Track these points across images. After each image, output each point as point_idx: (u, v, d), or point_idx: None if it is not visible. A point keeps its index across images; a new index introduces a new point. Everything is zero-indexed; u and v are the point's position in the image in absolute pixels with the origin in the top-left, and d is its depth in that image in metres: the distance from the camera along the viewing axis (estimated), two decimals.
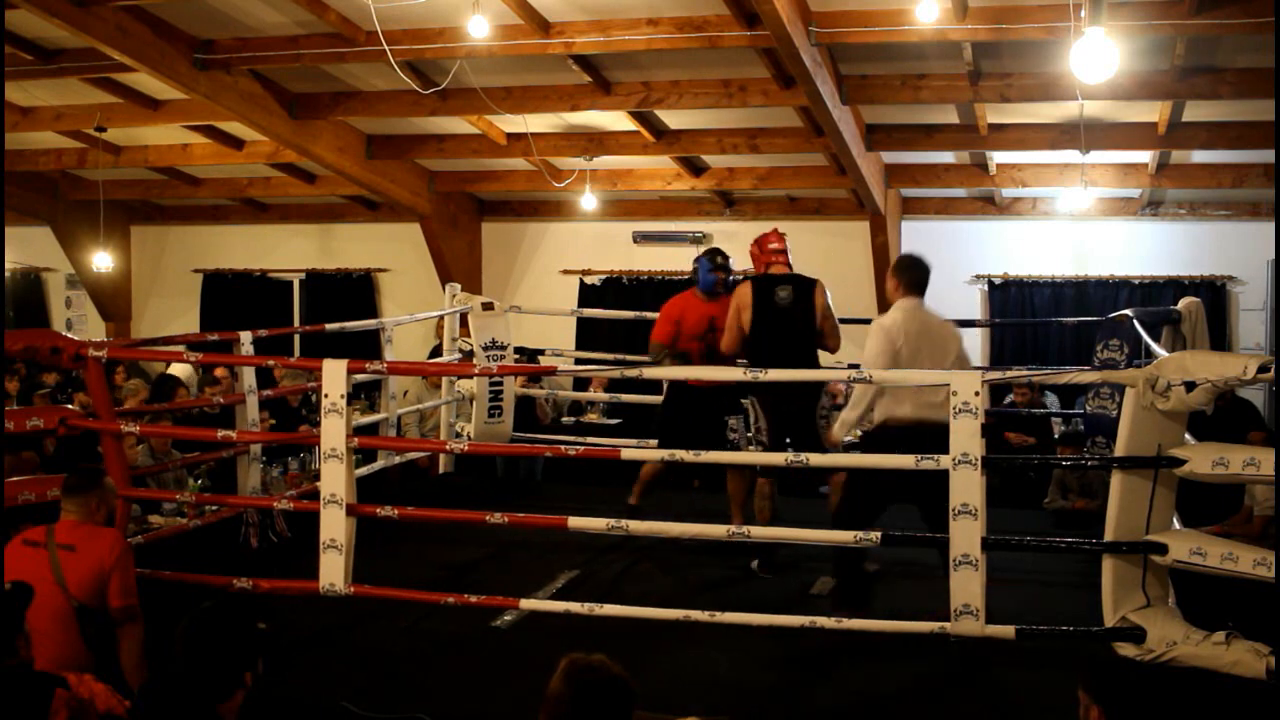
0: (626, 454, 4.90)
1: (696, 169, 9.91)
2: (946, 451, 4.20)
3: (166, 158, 10.27)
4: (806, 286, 5.66)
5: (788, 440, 5.64)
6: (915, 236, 10.18)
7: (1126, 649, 4.05)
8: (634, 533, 4.79)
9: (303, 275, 12.17)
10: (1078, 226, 9.94)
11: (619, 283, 10.97)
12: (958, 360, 5.07)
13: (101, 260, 11.30)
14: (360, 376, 5.40)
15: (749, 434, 5.95)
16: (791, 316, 5.60)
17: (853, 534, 4.47)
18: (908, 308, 5.12)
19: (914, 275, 5.18)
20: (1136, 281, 9.78)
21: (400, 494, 6.45)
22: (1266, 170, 8.67)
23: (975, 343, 10.08)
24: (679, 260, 10.81)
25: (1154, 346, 5.68)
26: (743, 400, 6.22)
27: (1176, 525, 4.19)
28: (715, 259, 6.21)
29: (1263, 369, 3.74)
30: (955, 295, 10.04)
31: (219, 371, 8.21)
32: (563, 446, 5.16)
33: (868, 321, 9.26)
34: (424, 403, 8.40)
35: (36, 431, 5.27)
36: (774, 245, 5.78)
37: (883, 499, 4.95)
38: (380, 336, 7.34)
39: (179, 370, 8.96)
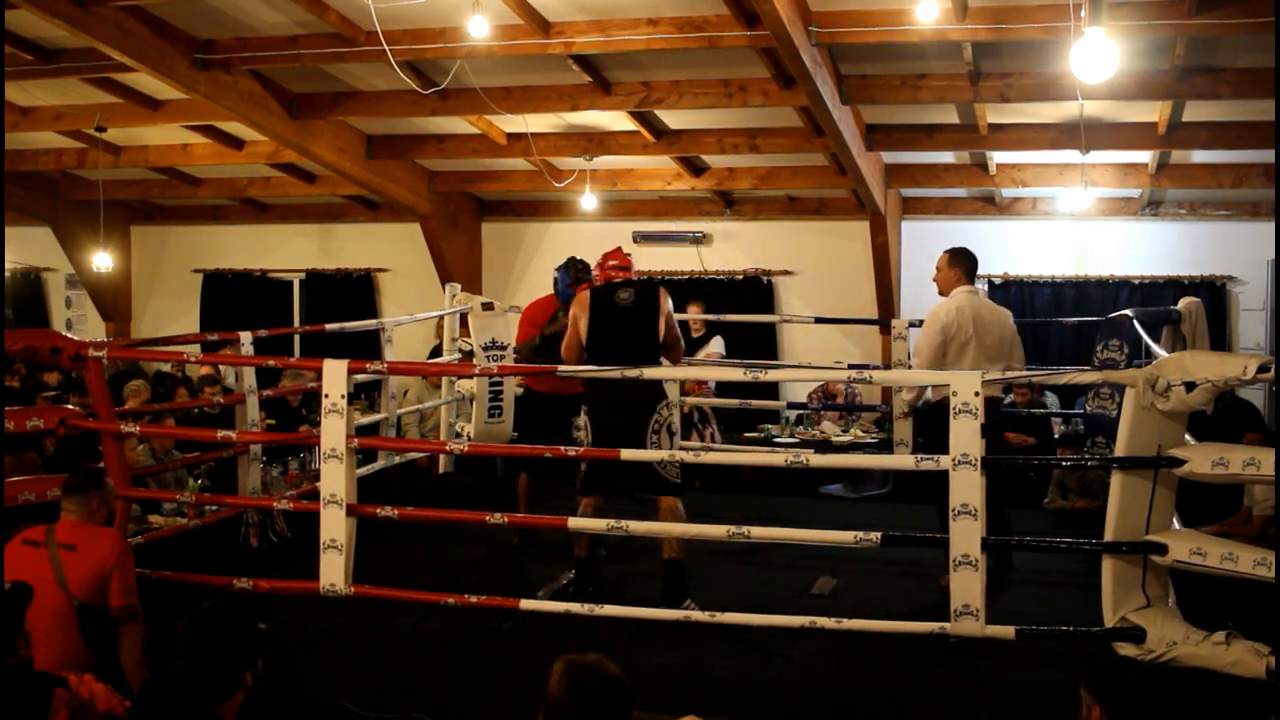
0: (626, 454, 4.90)
1: (696, 169, 9.91)
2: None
3: (166, 158, 10.27)
4: (650, 289, 5.33)
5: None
6: (915, 236, 10.19)
7: (1126, 649, 4.05)
8: (634, 533, 4.78)
9: (303, 275, 12.17)
10: (1078, 226, 9.94)
11: None
12: (1012, 342, 5.65)
13: (101, 260, 11.30)
14: (360, 376, 5.40)
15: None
16: (632, 317, 5.23)
17: (853, 534, 4.47)
18: (964, 297, 5.63)
19: (971, 264, 5.78)
20: (1136, 281, 9.78)
21: (400, 494, 6.45)
22: (1266, 170, 8.66)
23: None
24: (679, 260, 10.83)
25: (1154, 346, 5.68)
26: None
27: (1176, 525, 4.19)
28: (575, 272, 6.15)
29: (1263, 369, 3.74)
30: None
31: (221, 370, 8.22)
32: (562, 447, 5.16)
33: (870, 322, 9.47)
34: (424, 403, 8.39)
35: (36, 431, 5.27)
36: (614, 262, 5.40)
37: None
38: (380, 336, 7.34)
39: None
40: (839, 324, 9.91)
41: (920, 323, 6.72)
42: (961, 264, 5.74)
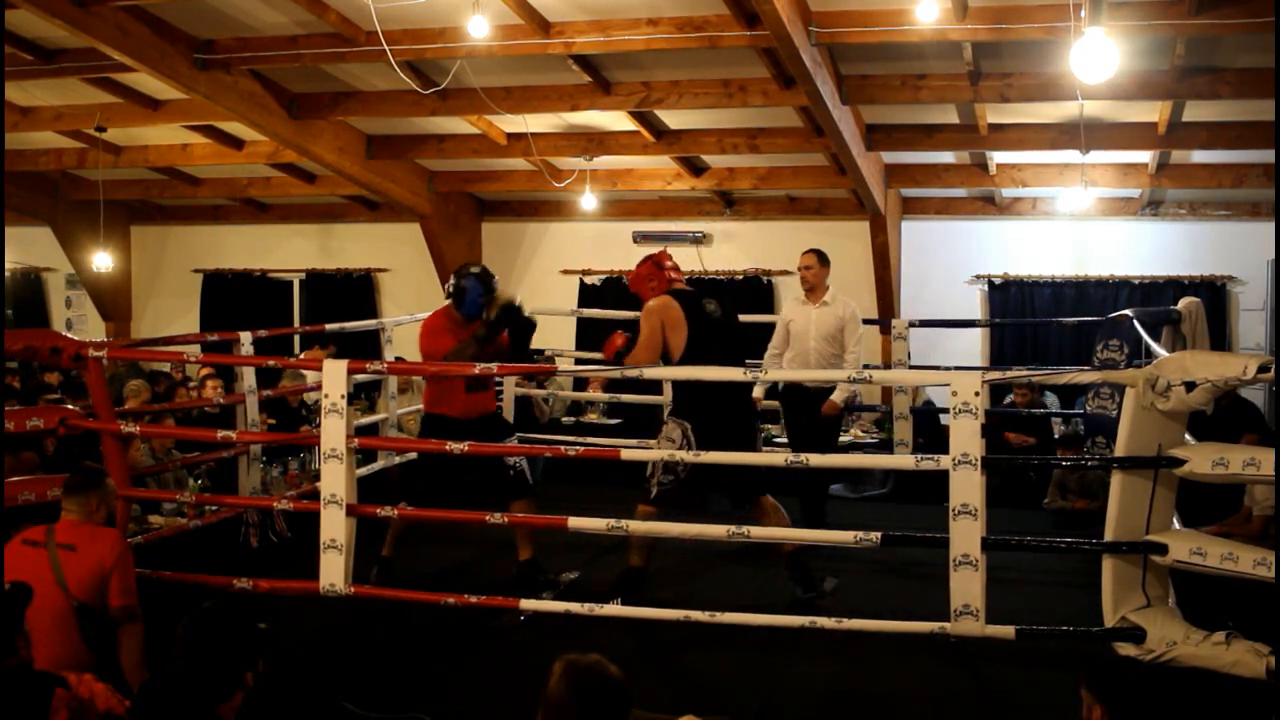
0: (626, 454, 4.90)
1: (696, 169, 9.91)
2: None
3: (166, 158, 10.27)
4: (725, 300, 5.30)
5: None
6: (915, 236, 10.19)
7: (1126, 649, 4.05)
8: (634, 533, 4.78)
9: (303, 275, 12.17)
10: (1078, 226, 9.94)
11: (619, 283, 10.95)
12: None
13: (101, 260, 11.30)
14: (360, 376, 5.40)
15: None
16: (726, 328, 5.15)
17: (853, 534, 4.47)
18: None
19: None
20: (1136, 281, 9.78)
21: (400, 494, 6.43)
22: (1266, 170, 8.67)
23: (975, 343, 10.10)
24: (679, 260, 10.70)
25: (1154, 346, 5.68)
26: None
27: (1176, 525, 4.19)
28: (487, 283, 5.50)
29: (1263, 369, 3.74)
30: (955, 295, 10.07)
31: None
32: (563, 447, 5.16)
33: (870, 322, 9.44)
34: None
35: (36, 431, 5.27)
36: (671, 263, 5.29)
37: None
38: (380, 336, 7.34)
39: None
40: None
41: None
42: (828, 265, 6.83)
